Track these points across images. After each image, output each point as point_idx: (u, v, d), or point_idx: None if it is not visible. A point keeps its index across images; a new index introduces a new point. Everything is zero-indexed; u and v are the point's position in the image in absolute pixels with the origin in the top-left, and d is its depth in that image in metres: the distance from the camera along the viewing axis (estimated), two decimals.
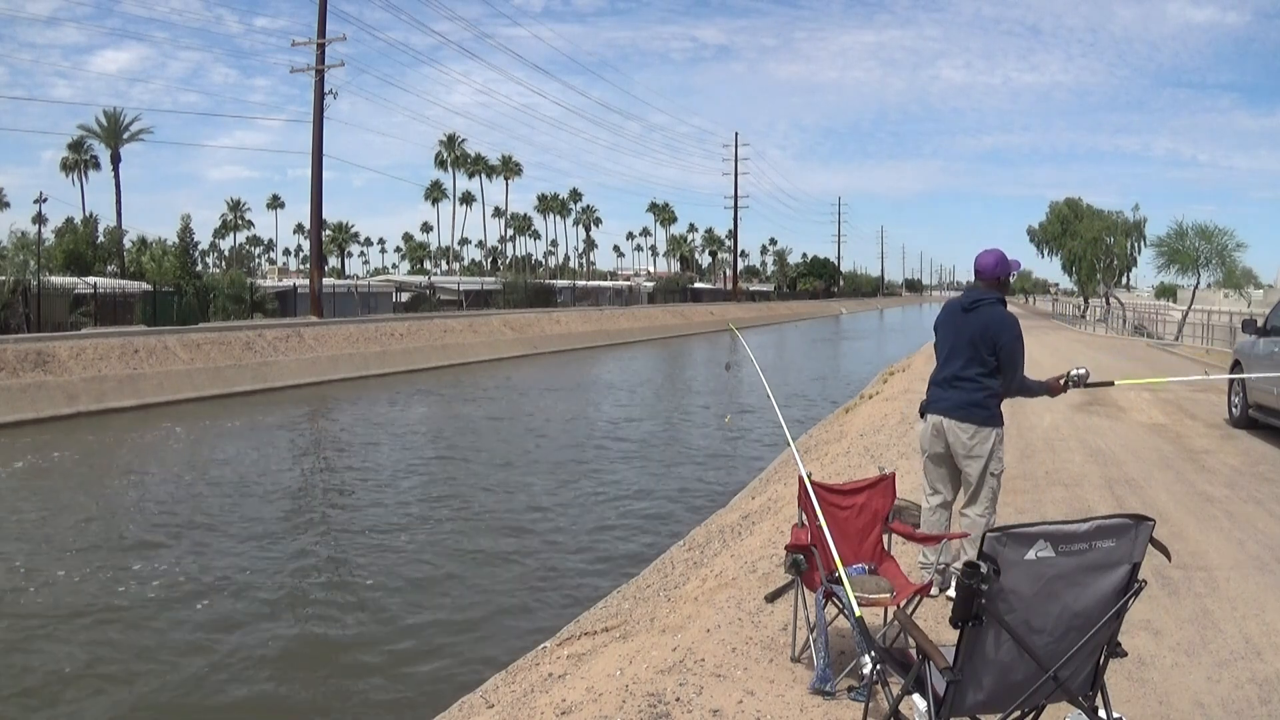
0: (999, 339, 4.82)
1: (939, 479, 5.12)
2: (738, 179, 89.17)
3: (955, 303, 5.14)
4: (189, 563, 9.41)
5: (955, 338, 4.96)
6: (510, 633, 7.61)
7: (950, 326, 5.02)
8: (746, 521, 8.79)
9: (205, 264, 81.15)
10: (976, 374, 4.87)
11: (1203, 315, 30.94)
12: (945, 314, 5.13)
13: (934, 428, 5.00)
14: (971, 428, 4.88)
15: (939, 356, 5.09)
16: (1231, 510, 7.21)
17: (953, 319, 5.02)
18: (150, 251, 37.57)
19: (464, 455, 15.66)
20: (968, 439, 4.88)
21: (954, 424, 4.90)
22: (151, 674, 6.86)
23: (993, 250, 5.02)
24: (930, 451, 5.08)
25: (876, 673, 3.23)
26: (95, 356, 21.36)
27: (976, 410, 4.87)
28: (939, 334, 5.12)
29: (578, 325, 46.96)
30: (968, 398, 4.88)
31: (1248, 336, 11.66)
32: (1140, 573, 2.68)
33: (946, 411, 4.93)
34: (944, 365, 5.02)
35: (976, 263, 5.05)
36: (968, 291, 5.11)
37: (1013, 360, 4.86)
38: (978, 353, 4.85)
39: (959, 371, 4.91)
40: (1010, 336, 4.84)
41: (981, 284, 5.00)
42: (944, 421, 4.94)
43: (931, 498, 5.14)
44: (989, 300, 4.93)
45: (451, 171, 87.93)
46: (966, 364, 4.89)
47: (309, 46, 35.83)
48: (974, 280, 5.09)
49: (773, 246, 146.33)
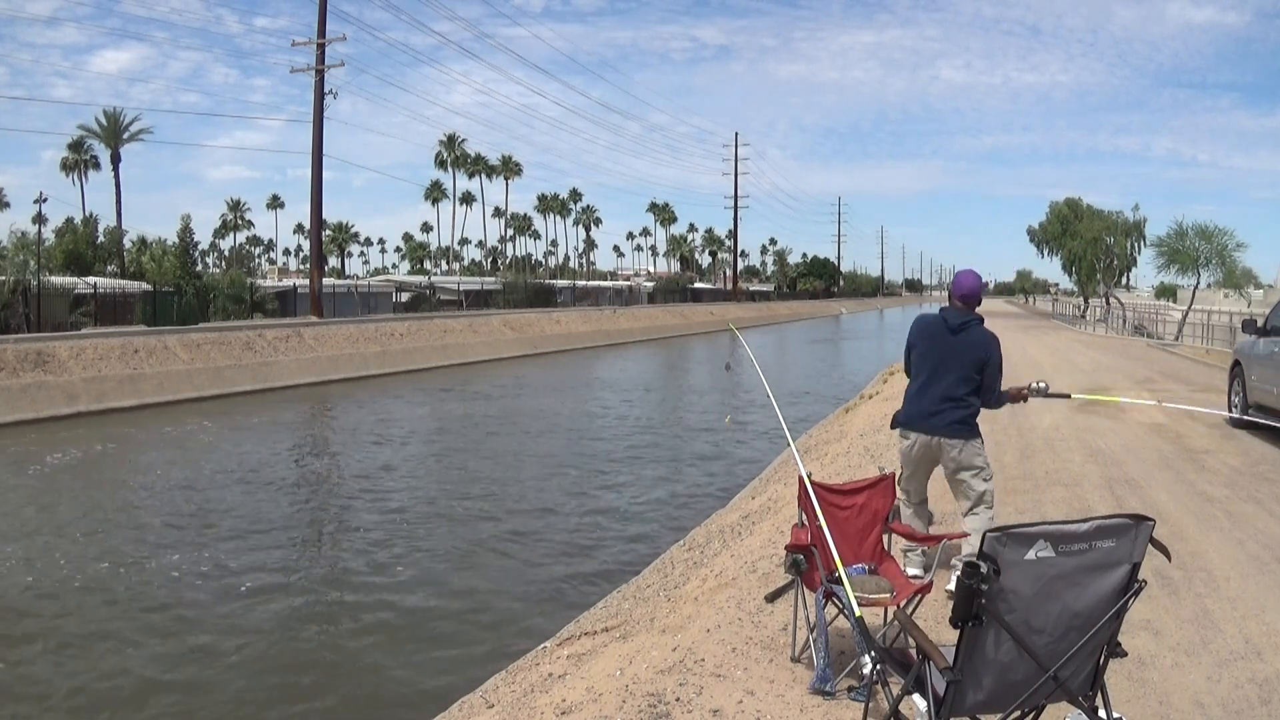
0: (990, 359, 5.06)
1: (917, 488, 5.36)
2: (738, 179, 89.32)
3: (934, 321, 5.19)
4: (188, 560, 9.42)
5: (942, 357, 5.07)
6: (510, 633, 7.61)
7: (935, 345, 5.12)
8: (746, 521, 8.79)
9: (205, 264, 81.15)
10: (964, 393, 5.07)
11: (1203, 315, 30.93)
12: (927, 332, 5.19)
13: (921, 446, 5.14)
14: (960, 443, 5.07)
15: (920, 373, 5.17)
16: (1231, 510, 7.21)
17: (939, 338, 5.12)
18: (150, 251, 37.59)
19: (464, 455, 15.66)
20: (957, 454, 5.07)
21: (945, 441, 5.07)
22: (149, 673, 6.86)
23: (971, 272, 5.20)
24: (915, 467, 5.26)
25: (876, 673, 3.24)
26: (95, 356, 21.36)
27: (963, 427, 5.07)
28: (919, 350, 5.20)
29: (578, 325, 46.96)
30: (957, 415, 5.06)
31: (1248, 336, 11.65)
32: (1140, 573, 2.68)
33: (937, 430, 5.07)
34: (929, 383, 5.10)
35: (960, 285, 5.18)
36: (950, 311, 5.15)
37: (997, 378, 5.14)
38: (967, 372, 5.05)
39: (949, 391, 5.04)
40: (998, 356, 5.12)
41: (959, 303, 5.13)
42: (934, 440, 5.08)
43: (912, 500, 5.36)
44: (975, 321, 5.10)
45: (451, 171, 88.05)
46: (956, 383, 5.04)
47: (309, 46, 35.87)
48: (953, 300, 5.18)
49: (773, 246, 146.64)
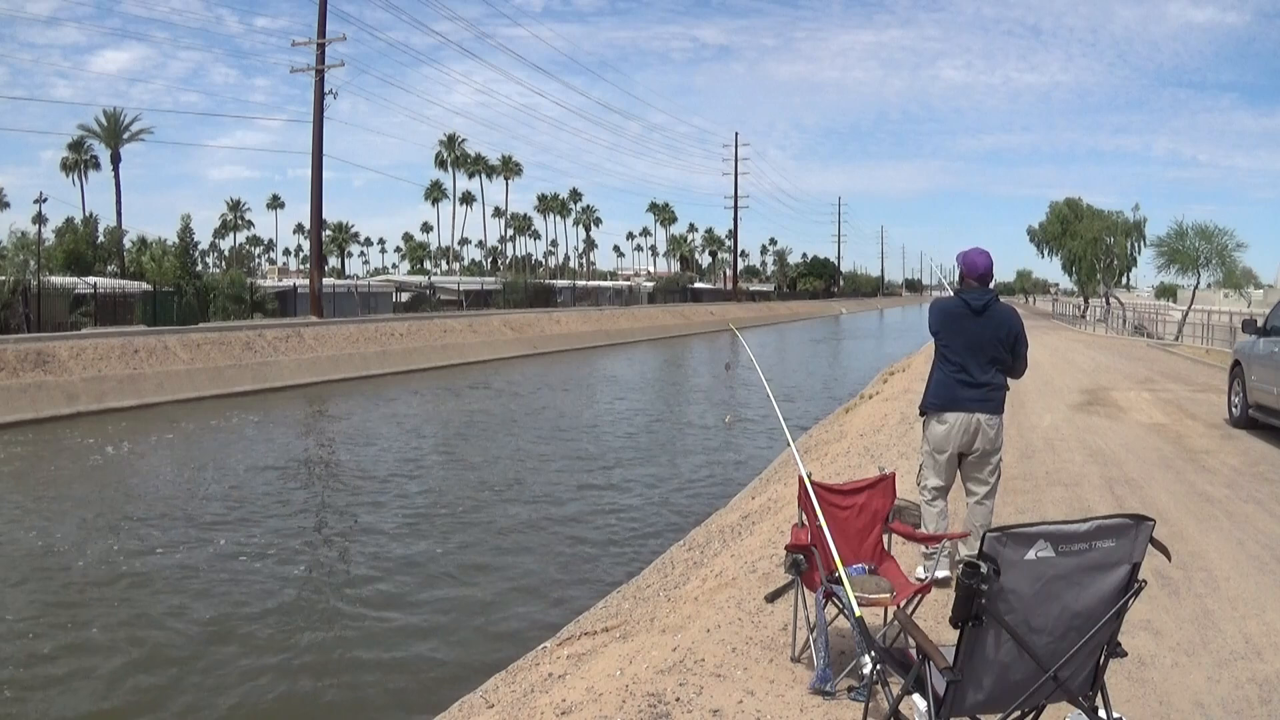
0: (1019, 332, 5.16)
1: (947, 475, 5.30)
2: (738, 179, 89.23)
3: (955, 305, 5.16)
4: (187, 557, 9.42)
5: (975, 339, 5.08)
6: (510, 633, 7.61)
7: (962, 329, 5.11)
8: (746, 521, 8.79)
9: (205, 264, 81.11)
10: (997, 372, 5.16)
11: (1203, 315, 30.92)
12: (949, 316, 5.17)
13: (961, 426, 5.12)
14: (998, 422, 5.19)
15: (952, 357, 5.14)
16: (1231, 510, 7.21)
17: (964, 321, 5.10)
18: (150, 251, 37.60)
19: (463, 455, 15.65)
20: (994, 434, 5.17)
21: (986, 420, 5.12)
22: (144, 672, 6.86)
23: (980, 249, 5.19)
24: (951, 450, 5.20)
25: (876, 673, 3.24)
26: (95, 356, 21.36)
27: (1000, 406, 5.20)
28: (947, 334, 5.17)
29: (578, 325, 46.96)
30: (995, 395, 5.15)
31: (1248, 336, 11.66)
32: (1140, 573, 2.68)
33: (978, 409, 5.10)
34: (964, 366, 5.10)
35: (973, 263, 5.15)
36: (969, 292, 5.13)
37: (1026, 349, 5.23)
38: (999, 351, 5.11)
39: (984, 372, 5.10)
40: (1023, 328, 5.21)
41: (974, 283, 5.13)
42: (974, 419, 5.10)
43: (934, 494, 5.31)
44: (994, 298, 5.15)
45: (451, 171, 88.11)
46: (990, 363, 5.11)
47: (309, 46, 35.85)
48: (966, 280, 5.16)
49: (773, 246, 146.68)
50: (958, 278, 5.28)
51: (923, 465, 5.44)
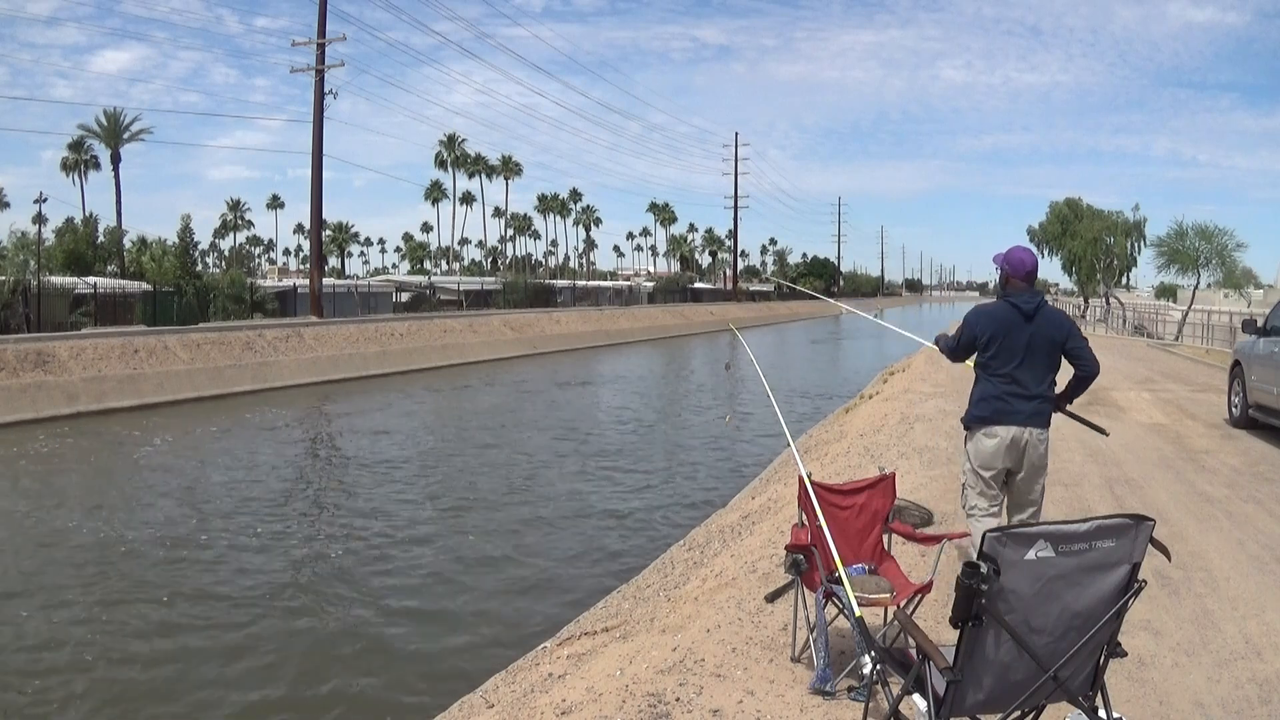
0: (1074, 330, 4.76)
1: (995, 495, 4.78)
2: (738, 179, 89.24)
3: (1004, 310, 4.69)
4: (188, 560, 9.42)
5: (1025, 346, 4.62)
6: (510, 633, 7.61)
7: (1014, 335, 4.63)
8: (746, 521, 8.79)
9: (205, 264, 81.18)
10: (1050, 381, 4.73)
11: (1203, 315, 30.92)
12: (1001, 324, 4.67)
13: (1013, 441, 4.63)
14: (1048, 436, 4.73)
15: (1003, 366, 4.64)
16: (1231, 510, 7.21)
17: (1016, 328, 4.63)
18: (150, 251, 37.61)
19: (463, 454, 15.65)
20: (1045, 450, 4.71)
21: (1037, 434, 4.65)
22: (141, 671, 6.86)
23: (1025, 246, 4.81)
24: (1000, 467, 4.70)
25: (876, 673, 3.24)
26: (95, 356, 21.36)
27: (1049, 418, 4.75)
28: (995, 346, 4.66)
29: (578, 325, 46.96)
30: (1046, 408, 4.71)
31: (1248, 336, 11.65)
32: (1140, 573, 2.69)
33: (1032, 422, 4.65)
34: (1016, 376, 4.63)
35: (1020, 261, 4.70)
36: (1016, 295, 4.69)
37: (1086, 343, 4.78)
38: (1053, 358, 4.70)
39: (1038, 382, 4.65)
40: (1076, 327, 4.83)
41: (1022, 284, 4.68)
42: (1026, 434, 4.63)
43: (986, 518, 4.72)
44: (1043, 299, 4.73)
45: (451, 171, 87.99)
46: (1045, 371, 4.68)
47: (309, 46, 35.84)
48: (1011, 281, 4.70)
49: (773, 246, 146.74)
50: (1000, 279, 4.80)
51: (965, 486, 4.87)
